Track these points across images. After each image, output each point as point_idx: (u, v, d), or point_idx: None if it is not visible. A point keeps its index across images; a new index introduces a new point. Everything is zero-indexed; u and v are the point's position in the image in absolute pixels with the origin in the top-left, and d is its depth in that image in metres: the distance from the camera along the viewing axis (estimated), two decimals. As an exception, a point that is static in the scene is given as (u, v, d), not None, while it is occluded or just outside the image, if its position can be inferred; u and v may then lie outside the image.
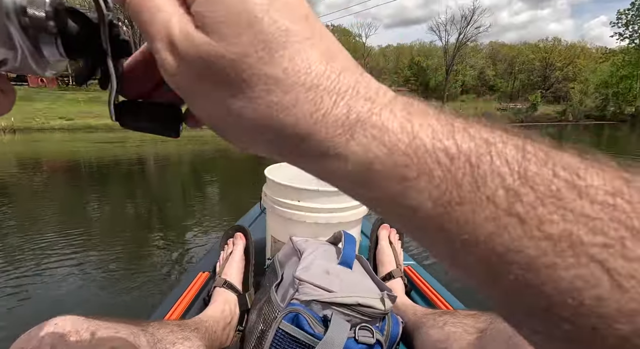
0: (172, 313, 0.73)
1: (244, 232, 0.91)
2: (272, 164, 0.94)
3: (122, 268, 2.34)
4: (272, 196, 0.83)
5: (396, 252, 0.89)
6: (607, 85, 28.08)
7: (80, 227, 3.08)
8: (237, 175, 5.72)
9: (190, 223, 3.26)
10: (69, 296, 1.97)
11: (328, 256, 0.67)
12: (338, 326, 0.52)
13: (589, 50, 45.94)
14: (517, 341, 0.38)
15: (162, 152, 8.25)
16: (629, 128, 20.84)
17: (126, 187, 4.90)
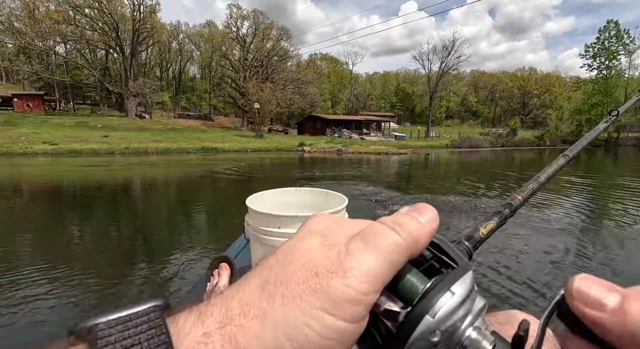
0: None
1: (229, 262, 0.92)
2: (253, 193, 0.94)
3: (101, 301, 2.22)
4: (254, 225, 0.83)
5: None
6: (580, 112, 29.55)
7: (55, 255, 2.95)
8: (223, 201, 5.65)
9: (177, 252, 3.15)
10: (34, 330, 1.86)
11: None
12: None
13: (563, 79, 48.74)
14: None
15: (149, 176, 8.13)
16: (603, 153, 21.77)
17: (108, 214, 4.76)
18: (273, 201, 0.98)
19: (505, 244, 3.35)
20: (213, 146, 16.26)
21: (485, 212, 4.70)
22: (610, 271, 2.84)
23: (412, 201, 5.48)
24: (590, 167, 12.90)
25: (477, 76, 56.75)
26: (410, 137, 28.42)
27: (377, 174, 9.50)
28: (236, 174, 8.68)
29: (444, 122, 51.26)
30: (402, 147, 19.50)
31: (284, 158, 14.02)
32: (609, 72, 28.94)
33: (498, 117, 51.43)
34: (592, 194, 6.52)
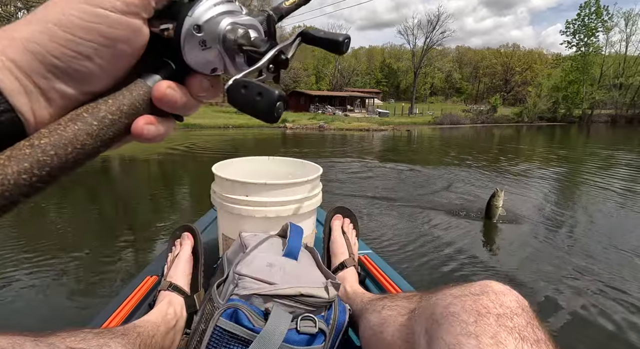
0: (112, 321, 0.69)
1: (192, 231, 0.87)
2: (221, 161, 0.92)
3: (63, 275, 2.20)
4: (221, 193, 0.81)
5: (349, 242, 0.89)
6: (558, 89, 29.84)
7: (20, 228, 2.87)
8: (199, 178, 5.57)
9: (146, 226, 3.13)
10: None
11: (273, 248, 0.66)
12: (277, 318, 0.51)
13: (545, 56, 49.16)
14: (437, 318, 0.39)
15: (128, 152, 7.88)
16: (577, 129, 22.43)
17: (81, 188, 4.62)
18: (243, 169, 0.96)
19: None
20: (193, 123, 15.79)
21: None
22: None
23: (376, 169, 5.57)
24: (565, 142, 13.31)
25: (462, 52, 56.47)
26: (394, 114, 28.39)
27: (351, 149, 9.53)
28: (215, 152, 8.52)
29: (428, 99, 51.29)
30: (384, 124, 19.47)
31: (265, 135, 13.81)
32: (587, 49, 29.18)
33: (481, 94, 51.83)
34: (563, 163, 6.78)
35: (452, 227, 3.19)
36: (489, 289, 0.39)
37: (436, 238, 2.91)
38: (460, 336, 0.34)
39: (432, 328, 0.39)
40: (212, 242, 0.94)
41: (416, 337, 0.43)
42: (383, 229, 3.10)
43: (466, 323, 0.35)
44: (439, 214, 3.55)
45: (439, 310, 0.40)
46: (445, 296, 0.41)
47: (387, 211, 3.62)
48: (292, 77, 33.25)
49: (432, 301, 0.43)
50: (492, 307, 0.36)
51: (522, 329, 0.34)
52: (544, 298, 2.04)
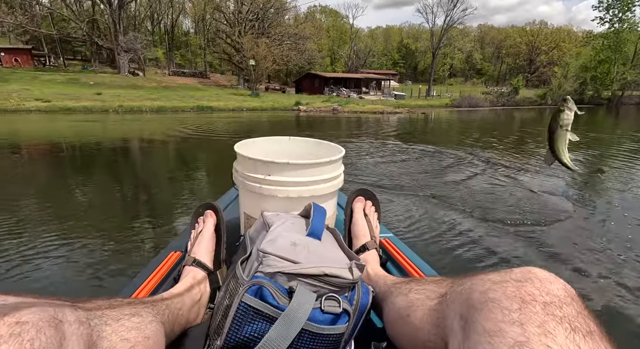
0: (139, 293, 0.71)
1: (214, 209, 0.88)
2: (243, 140, 0.91)
3: (93, 249, 2.29)
4: (243, 172, 0.80)
5: (371, 225, 0.87)
6: (586, 69, 27.95)
7: (53, 207, 2.99)
8: (216, 159, 5.63)
9: (172, 204, 3.21)
10: (31, 279, 1.93)
11: (296, 228, 0.66)
12: (302, 296, 0.51)
13: (575, 33, 46.28)
14: (474, 303, 0.37)
15: (146, 134, 8.03)
16: (605, 111, 21.25)
17: (105, 168, 4.76)
18: (264, 148, 0.95)
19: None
20: (208, 105, 15.87)
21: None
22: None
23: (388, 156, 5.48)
24: (591, 124, 12.71)
25: (485, 31, 53.98)
26: (411, 96, 27.70)
27: (365, 131, 9.40)
28: (231, 134, 8.58)
29: (447, 80, 49.71)
30: (399, 107, 19.05)
31: (279, 117, 13.77)
32: (621, 25, 27.12)
33: (503, 75, 49.78)
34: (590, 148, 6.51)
35: (474, 213, 3.10)
36: (532, 275, 0.37)
37: (458, 224, 2.83)
38: (502, 323, 0.32)
39: (469, 313, 0.37)
40: (234, 221, 0.95)
41: (448, 322, 0.42)
42: (403, 213, 3.05)
43: (508, 309, 0.33)
44: (459, 199, 3.49)
45: (476, 295, 0.38)
46: (483, 282, 0.39)
47: (404, 195, 3.59)
48: (306, 58, 32.66)
49: (467, 286, 0.41)
50: (537, 294, 0.34)
51: (573, 319, 0.31)
52: (593, 291, 1.92)
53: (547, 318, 0.32)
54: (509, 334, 0.31)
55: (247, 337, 0.50)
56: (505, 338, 0.31)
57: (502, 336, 0.32)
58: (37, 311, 0.30)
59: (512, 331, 0.31)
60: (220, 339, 0.52)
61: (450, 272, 2.02)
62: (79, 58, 33.93)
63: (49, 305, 0.32)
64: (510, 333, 0.31)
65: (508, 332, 0.31)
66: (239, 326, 0.50)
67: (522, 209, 3.21)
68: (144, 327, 0.47)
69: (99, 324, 0.39)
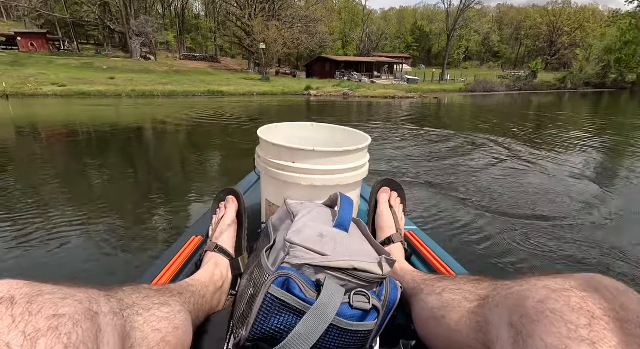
0: (161, 278, 0.71)
1: (236, 195, 0.86)
2: (266, 125, 0.88)
3: (113, 233, 2.33)
4: (266, 158, 0.78)
5: (397, 217, 0.85)
6: (610, 51, 26.28)
7: (73, 191, 3.05)
8: (237, 141, 5.63)
9: (188, 188, 3.24)
10: (54, 263, 1.97)
11: (323, 218, 0.64)
12: (332, 290, 0.49)
13: (601, 13, 43.93)
14: (529, 312, 0.33)
15: (159, 118, 8.08)
16: (628, 96, 20.26)
17: (121, 152, 4.83)
18: (286, 134, 0.92)
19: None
20: (218, 89, 15.83)
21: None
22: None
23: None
24: (612, 108, 12.19)
25: (503, 11, 51.83)
26: (424, 81, 27.05)
27: (377, 117, 9.25)
28: (242, 119, 8.56)
29: (462, 64, 48.26)
30: (412, 91, 18.64)
31: (289, 102, 13.66)
32: (652, 3, 25.74)
33: (521, 58, 47.99)
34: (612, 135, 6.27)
35: (497, 203, 3.00)
36: (598, 284, 0.32)
37: (480, 216, 2.72)
38: (569, 340, 0.29)
39: (522, 323, 0.33)
40: (255, 207, 0.93)
41: (492, 328, 0.39)
42: (421, 204, 2.96)
43: (575, 325, 0.30)
44: (479, 189, 3.42)
45: (530, 303, 0.34)
46: (537, 288, 0.35)
47: (420, 184, 3.53)
48: (317, 42, 32.04)
49: (517, 291, 0.37)
50: (609, 308, 0.30)
51: None
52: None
53: (626, 339, 0.28)
54: None
55: (274, 329, 0.49)
56: None
57: None
58: (73, 303, 0.29)
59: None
60: (246, 329, 0.51)
61: (479, 268, 1.95)
62: (92, 42, 34.14)
63: (85, 296, 0.31)
64: None
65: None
66: (266, 317, 0.49)
67: (550, 200, 3.11)
68: (174, 317, 0.46)
69: (131, 314, 0.39)
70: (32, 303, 0.27)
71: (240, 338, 0.52)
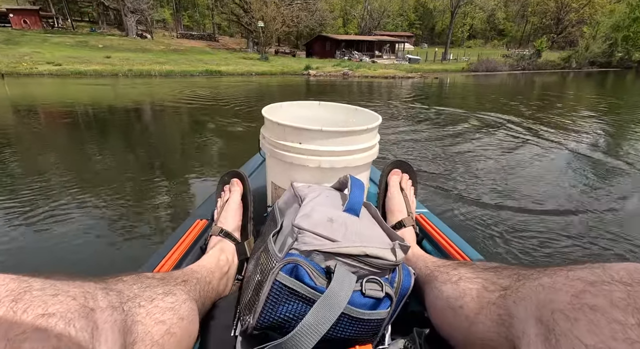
0: (165, 263, 0.69)
1: (241, 177, 0.84)
2: (271, 104, 0.84)
3: (114, 218, 2.30)
4: (271, 138, 0.74)
5: (408, 200, 0.82)
6: (618, 28, 25.37)
7: (72, 172, 3.03)
8: (239, 121, 5.55)
9: (191, 170, 3.20)
10: (56, 248, 1.94)
11: (332, 202, 0.61)
12: (342, 278, 0.46)
13: (612, -13, 42.35)
14: (563, 308, 0.30)
15: (157, 98, 7.95)
16: (633, 75, 19.67)
17: (120, 133, 4.77)
18: (292, 114, 0.88)
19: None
20: (217, 69, 15.55)
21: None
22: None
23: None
24: (618, 88, 11.97)
25: (510, -13, 49.97)
26: (426, 60, 26.46)
27: (376, 96, 9.10)
28: (242, 99, 8.43)
29: (465, 43, 47.12)
30: (412, 71, 18.27)
31: (289, 82, 13.43)
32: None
33: (527, 36, 46.74)
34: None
35: (507, 185, 2.96)
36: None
37: (492, 197, 2.67)
38: (614, 342, 0.25)
39: (554, 319, 0.30)
40: (260, 190, 0.91)
41: (517, 323, 0.35)
42: (430, 186, 2.90)
43: (622, 324, 0.26)
44: (488, 170, 3.39)
45: (564, 298, 0.30)
46: (569, 280, 0.31)
47: (425, 166, 3.50)
48: (317, 19, 31.11)
49: (545, 283, 0.34)
50: None
51: None
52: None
53: None
54: None
55: (282, 317, 0.47)
56: None
57: None
58: (65, 300, 0.27)
59: None
60: (253, 317, 0.49)
61: (492, 253, 1.87)
62: (86, 19, 33.19)
63: (79, 291, 0.29)
64: None
65: None
66: (274, 305, 0.48)
67: (563, 183, 3.07)
68: (179, 307, 0.44)
69: (133, 307, 0.37)
70: (18, 302, 0.24)
71: (247, 325, 0.50)
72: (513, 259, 1.86)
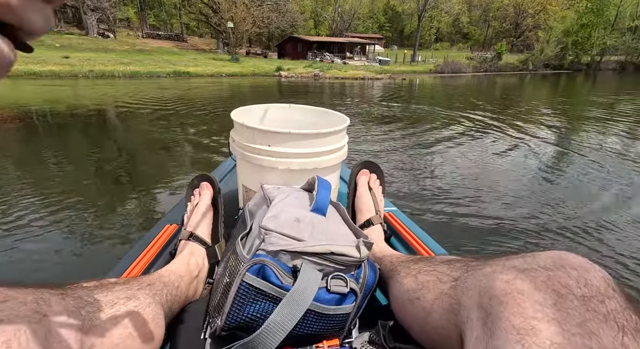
0: (132, 269, 0.68)
1: (210, 180, 0.84)
2: (240, 107, 0.84)
3: (78, 227, 2.20)
4: (240, 142, 0.75)
5: (376, 199, 0.85)
6: (568, 33, 27.57)
7: (31, 178, 2.85)
8: (209, 123, 5.43)
9: (160, 175, 3.10)
10: (19, 259, 1.84)
11: (300, 203, 0.63)
12: (308, 275, 0.48)
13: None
14: (497, 294, 0.33)
15: (122, 100, 7.61)
16: (582, 77, 21.37)
17: (83, 136, 4.53)
18: (262, 116, 0.89)
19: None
20: (185, 70, 15.12)
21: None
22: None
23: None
24: (569, 90, 12.92)
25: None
26: (396, 62, 27.15)
27: (346, 97, 9.26)
28: (210, 101, 8.26)
29: (433, 45, 48.74)
30: (382, 72, 18.70)
31: (260, 84, 13.33)
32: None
33: (489, 40, 49.08)
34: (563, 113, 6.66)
35: (475, 182, 3.11)
36: (564, 262, 0.32)
37: (458, 195, 2.79)
38: (535, 320, 0.29)
39: (491, 305, 0.33)
40: (232, 193, 0.91)
41: (463, 310, 0.38)
42: (402, 185, 2.98)
43: (541, 304, 0.29)
44: (455, 169, 3.53)
45: (499, 285, 0.34)
46: (505, 269, 0.35)
47: (394, 164, 3.59)
48: (288, 21, 31.05)
49: (487, 272, 0.37)
50: (574, 286, 0.30)
51: (619, 317, 0.27)
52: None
53: (589, 315, 0.28)
54: (544, 334, 0.28)
55: (250, 317, 0.48)
56: (539, 337, 0.28)
57: (535, 335, 0.28)
58: (15, 306, 0.26)
59: (548, 329, 0.28)
60: (221, 318, 0.50)
61: (457, 248, 1.99)
62: (40, 17, 31.14)
63: (32, 297, 0.29)
64: (545, 332, 0.28)
65: (542, 331, 0.28)
66: (241, 306, 0.48)
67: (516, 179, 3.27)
68: (142, 310, 0.44)
69: (92, 311, 0.36)
70: None
71: (216, 327, 0.51)
72: (475, 248, 2.01)
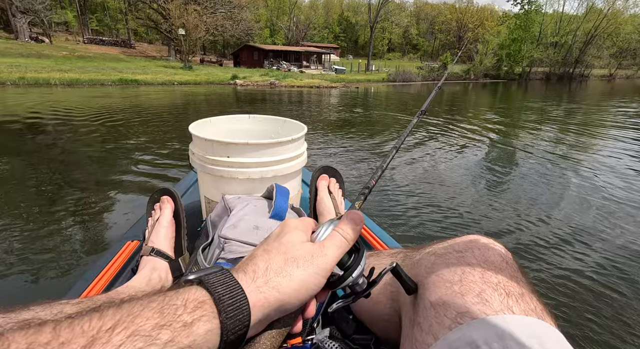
0: (93, 288, 0.65)
1: (171, 194, 0.83)
2: (197, 120, 0.85)
3: (33, 244, 2.02)
4: (200, 154, 0.76)
5: (336, 202, 0.89)
6: (502, 46, 30.96)
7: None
8: (166, 134, 5.19)
9: (116, 192, 2.90)
10: None
11: (259, 210, 0.65)
12: None
13: (497, 12, 50.23)
14: (421, 279, 0.39)
15: (61, 110, 7.03)
16: (517, 86, 23.94)
17: (16, 151, 4.12)
18: (221, 128, 0.89)
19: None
20: (133, 78, 14.31)
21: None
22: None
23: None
24: (505, 98, 14.24)
25: (420, 6, 55.85)
26: (351, 71, 28.01)
27: (304, 107, 9.42)
28: (163, 111, 7.94)
29: (385, 55, 50.98)
30: (338, 81, 19.24)
31: (215, 92, 13.03)
32: (530, 6, 30.30)
33: (437, 50, 52.51)
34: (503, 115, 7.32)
35: (426, 181, 3.33)
36: (473, 244, 0.38)
37: (411, 193, 2.99)
38: (446, 297, 0.34)
39: (417, 287, 0.38)
40: (195, 205, 0.90)
41: (401, 296, 0.43)
42: (361, 187, 3.10)
43: (451, 282, 0.35)
44: (406, 171, 3.71)
45: (422, 270, 0.39)
46: (428, 255, 0.41)
47: (357, 166, 3.70)
48: (243, 29, 30.78)
49: (417, 259, 0.42)
50: (476, 263, 0.36)
51: (507, 284, 0.33)
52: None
53: (485, 286, 0.33)
54: (452, 307, 0.33)
55: None
56: (448, 310, 0.33)
57: (446, 309, 0.33)
58: None
59: (455, 303, 0.33)
60: None
61: (409, 239, 2.16)
62: (-41, 19, 27.89)
63: None
64: (453, 305, 0.33)
65: (451, 305, 0.33)
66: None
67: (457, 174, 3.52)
68: None
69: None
70: None
71: None
72: (423, 239, 2.19)
